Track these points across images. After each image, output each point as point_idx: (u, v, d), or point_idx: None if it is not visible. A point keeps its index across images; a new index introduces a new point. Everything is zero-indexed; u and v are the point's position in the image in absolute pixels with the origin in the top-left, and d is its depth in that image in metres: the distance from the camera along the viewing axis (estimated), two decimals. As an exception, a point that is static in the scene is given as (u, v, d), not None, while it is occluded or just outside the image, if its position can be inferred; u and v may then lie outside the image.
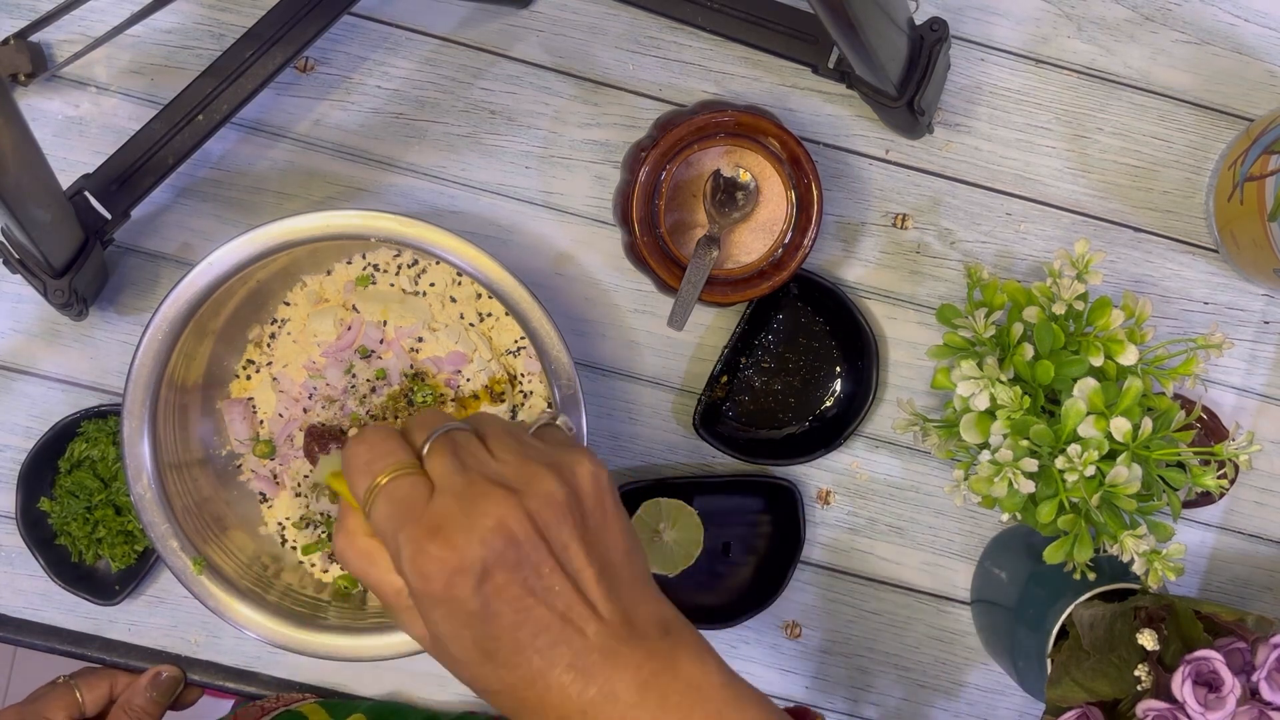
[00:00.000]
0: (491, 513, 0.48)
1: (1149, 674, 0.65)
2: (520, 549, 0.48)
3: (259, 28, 0.75)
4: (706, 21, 0.79)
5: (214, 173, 0.81)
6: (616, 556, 0.51)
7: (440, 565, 0.48)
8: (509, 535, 0.48)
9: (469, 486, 0.49)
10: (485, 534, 0.48)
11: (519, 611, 0.48)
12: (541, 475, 0.50)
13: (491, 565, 0.48)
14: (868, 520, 0.84)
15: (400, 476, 0.50)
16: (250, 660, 0.83)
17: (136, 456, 0.72)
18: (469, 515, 0.48)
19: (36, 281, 0.71)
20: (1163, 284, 0.83)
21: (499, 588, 0.48)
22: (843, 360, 0.83)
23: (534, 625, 0.48)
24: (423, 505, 0.49)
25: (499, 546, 0.48)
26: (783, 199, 0.77)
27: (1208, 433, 0.81)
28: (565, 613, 0.49)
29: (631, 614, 0.50)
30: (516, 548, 0.48)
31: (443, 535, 0.48)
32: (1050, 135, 0.83)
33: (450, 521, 0.48)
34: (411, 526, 0.49)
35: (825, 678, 0.84)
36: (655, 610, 0.51)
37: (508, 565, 0.48)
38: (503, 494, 0.49)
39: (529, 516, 0.49)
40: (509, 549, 0.48)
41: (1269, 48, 0.82)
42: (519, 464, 0.51)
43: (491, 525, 0.48)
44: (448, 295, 0.79)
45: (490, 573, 0.48)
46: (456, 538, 0.48)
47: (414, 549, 0.48)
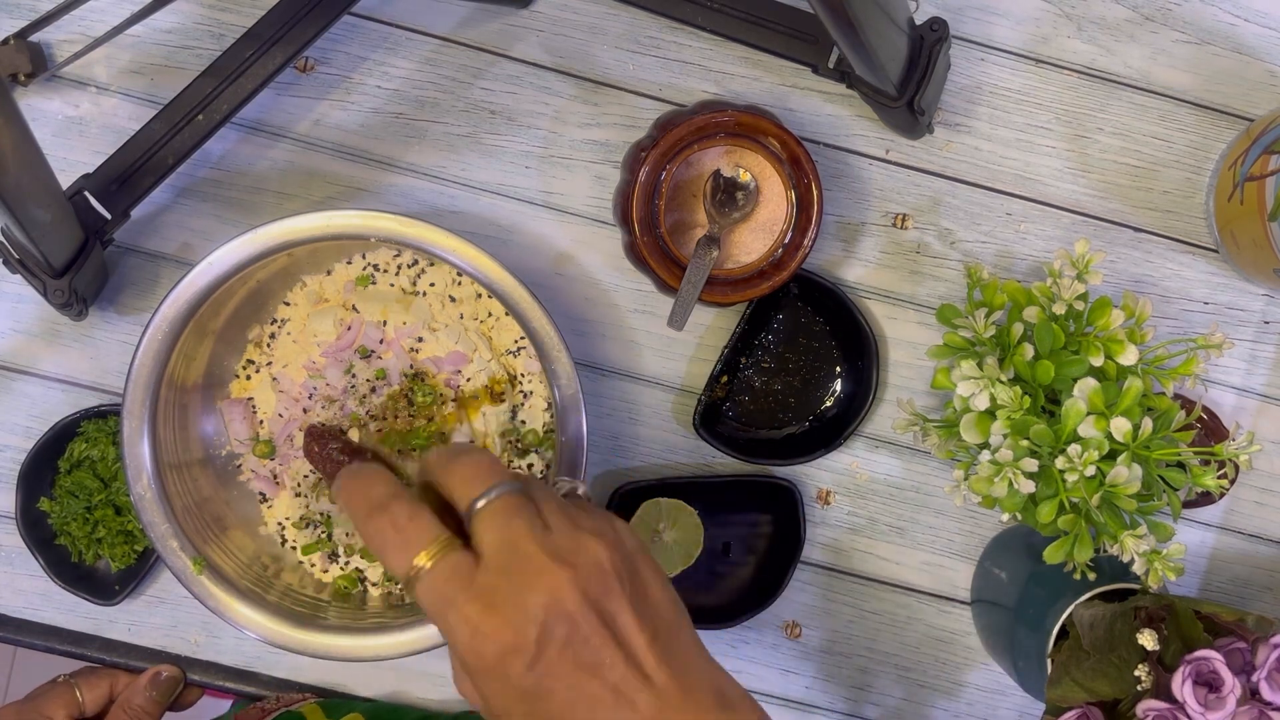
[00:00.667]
0: (545, 588, 0.48)
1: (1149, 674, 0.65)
2: (574, 624, 0.48)
3: (259, 28, 0.75)
4: (706, 21, 0.79)
5: (214, 173, 0.81)
6: (667, 619, 0.51)
7: (494, 644, 0.47)
8: (562, 611, 0.48)
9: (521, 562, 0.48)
10: (539, 611, 0.47)
11: (572, 688, 0.48)
12: (590, 544, 0.50)
13: (546, 643, 0.47)
14: (868, 520, 0.84)
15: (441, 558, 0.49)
16: (250, 660, 0.83)
17: (136, 456, 0.72)
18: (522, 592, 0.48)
19: (36, 281, 0.71)
20: (1163, 284, 0.83)
21: (552, 665, 0.48)
22: (843, 360, 0.83)
23: (587, 701, 0.48)
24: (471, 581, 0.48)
25: (552, 623, 0.47)
26: (783, 199, 0.77)
27: (1208, 433, 0.81)
28: (618, 685, 0.48)
29: (685, 681, 0.49)
30: (569, 623, 0.48)
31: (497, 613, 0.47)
32: (1050, 135, 0.83)
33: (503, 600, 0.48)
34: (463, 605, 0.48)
35: (825, 678, 0.84)
36: (711, 677, 0.51)
37: (560, 642, 0.48)
38: (555, 568, 0.48)
39: (580, 589, 0.48)
40: (562, 625, 0.48)
41: (1269, 48, 0.82)
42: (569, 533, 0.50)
43: (545, 602, 0.48)
44: (448, 295, 0.79)
45: (544, 650, 0.47)
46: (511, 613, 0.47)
47: (468, 630, 0.48)
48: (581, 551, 0.49)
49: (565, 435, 0.73)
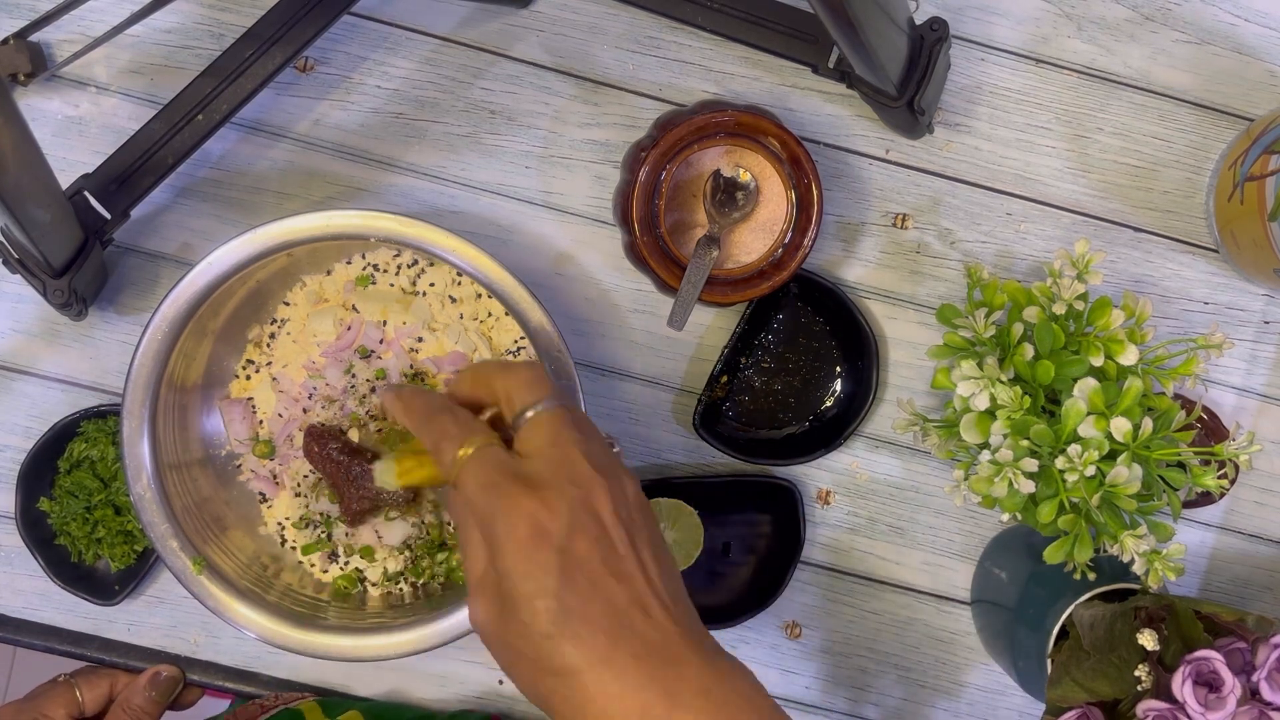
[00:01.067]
0: (587, 485, 0.50)
1: (1149, 674, 0.65)
2: (604, 527, 0.50)
3: (259, 28, 0.75)
4: (706, 21, 0.79)
5: (214, 173, 0.81)
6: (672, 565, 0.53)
7: (530, 518, 0.49)
8: (595, 511, 0.50)
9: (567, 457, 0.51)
10: (575, 501, 0.49)
11: (594, 584, 0.49)
12: (626, 475, 0.52)
13: (576, 531, 0.49)
14: (868, 520, 0.84)
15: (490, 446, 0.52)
16: (250, 660, 0.83)
17: (136, 456, 0.72)
18: (564, 481, 0.50)
19: (36, 281, 0.71)
20: (1163, 284, 0.83)
21: (580, 557, 0.49)
22: (843, 360, 0.83)
23: (606, 603, 0.49)
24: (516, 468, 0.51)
25: (586, 518, 0.49)
26: (783, 199, 0.77)
27: (1208, 433, 0.81)
28: (637, 597, 0.49)
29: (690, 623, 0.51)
30: (600, 524, 0.50)
31: (537, 492, 0.49)
32: (1050, 135, 0.83)
33: (545, 483, 0.50)
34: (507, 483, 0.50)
35: (825, 678, 0.84)
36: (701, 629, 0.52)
37: (591, 536, 0.49)
38: (596, 476, 0.51)
39: (614, 502, 0.50)
40: (594, 523, 0.50)
41: (1269, 48, 0.82)
42: (610, 459, 0.53)
43: (582, 496, 0.50)
44: (448, 295, 0.79)
45: (574, 537, 0.49)
46: (549, 495, 0.49)
47: (508, 502, 0.49)
48: (617, 473, 0.52)
49: (565, 435, 0.73)
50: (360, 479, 0.76)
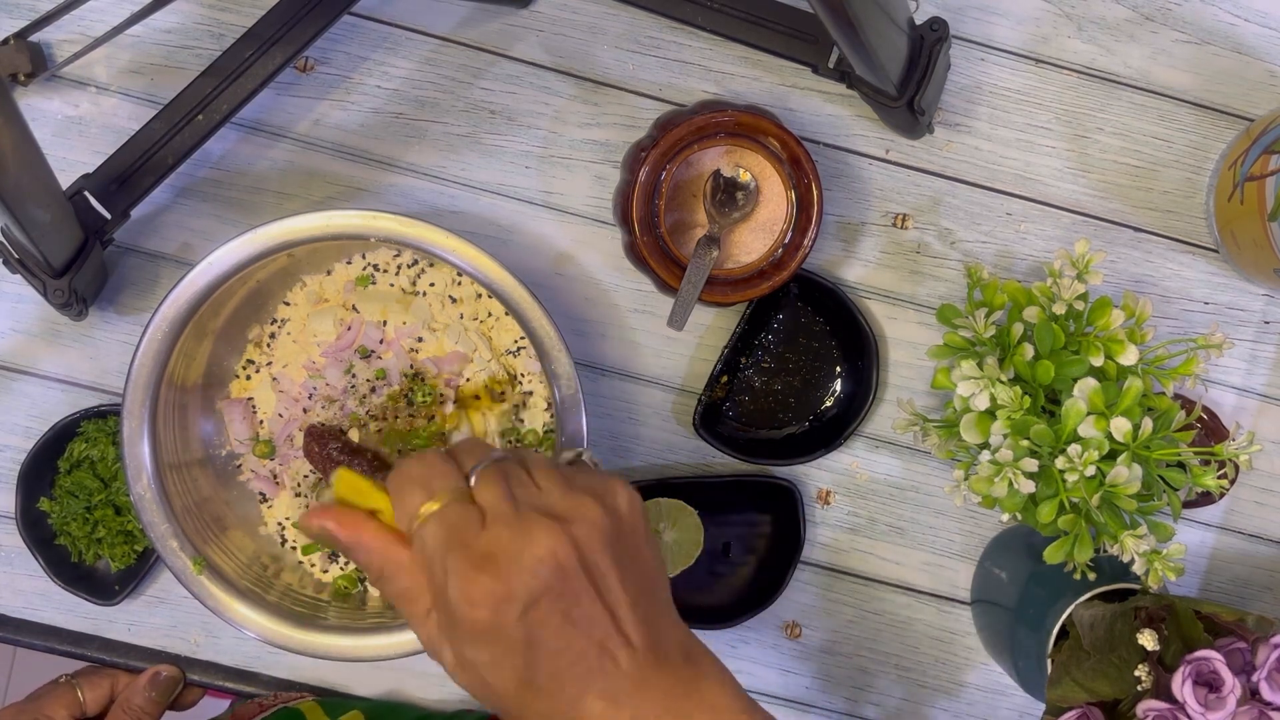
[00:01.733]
0: (541, 542, 0.50)
1: (1149, 674, 0.65)
2: (566, 578, 0.50)
3: (259, 28, 0.75)
4: (706, 21, 0.79)
5: (214, 173, 0.81)
6: (648, 583, 0.53)
7: (488, 594, 0.49)
8: (556, 564, 0.50)
9: (519, 517, 0.51)
10: (534, 564, 0.50)
11: (560, 640, 0.50)
12: (585, 503, 0.52)
13: (538, 595, 0.50)
14: (868, 520, 0.84)
15: (455, 502, 0.52)
16: (250, 660, 0.83)
17: (136, 456, 0.72)
18: (519, 545, 0.50)
19: (36, 281, 0.71)
20: (1163, 284, 0.83)
21: (543, 617, 0.50)
22: (843, 360, 0.83)
23: (572, 654, 0.50)
24: (475, 533, 0.51)
25: (546, 576, 0.50)
26: (783, 199, 0.77)
27: (1208, 433, 0.81)
28: (602, 642, 0.50)
29: (658, 641, 0.52)
30: (562, 578, 0.50)
31: (493, 565, 0.50)
32: (1050, 135, 0.83)
33: (501, 551, 0.50)
34: (463, 554, 0.50)
35: (825, 678, 0.84)
36: (678, 636, 0.53)
37: (553, 595, 0.50)
38: (550, 524, 0.51)
39: (574, 545, 0.50)
40: (555, 578, 0.50)
41: (1269, 48, 0.82)
42: (563, 493, 0.53)
43: (540, 555, 0.50)
44: (448, 295, 0.79)
45: (537, 602, 0.50)
46: (507, 567, 0.50)
47: (464, 579, 0.50)
48: (575, 509, 0.52)
49: (565, 435, 0.73)
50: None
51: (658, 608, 0.53)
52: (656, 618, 0.53)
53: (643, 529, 0.54)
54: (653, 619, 0.52)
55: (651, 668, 0.51)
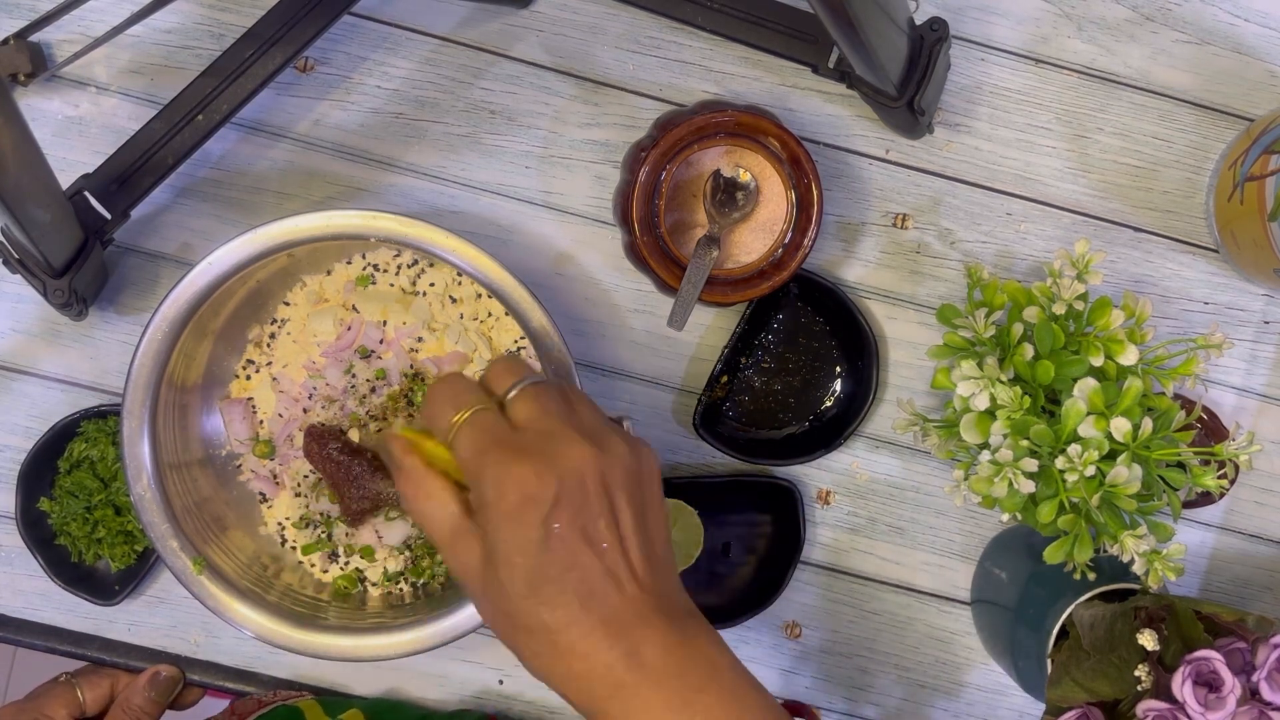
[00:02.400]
0: (573, 454, 0.52)
1: (1149, 674, 0.65)
2: (588, 497, 0.52)
3: (259, 28, 0.75)
4: (706, 21, 0.79)
5: (214, 173, 0.81)
6: (657, 538, 0.55)
7: (519, 486, 0.51)
8: (581, 481, 0.52)
9: (554, 428, 0.53)
10: (563, 472, 0.51)
11: (572, 554, 0.51)
12: (618, 444, 0.54)
13: (562, 502, 0.51)
14: (868, 520, 0.84)
15: (484, 411, 0.54)
16: (250, 660, 0.83)
17: (136, 456, 0.72)
18: (552, 452, 0.52)
19: (36, 281, 0.71)
20: (1163, 284, 0.83)
21: (562, 527, 0.51)
22: (843, 360, 0.83)
23: (581, 571, 0.51)
24: (508, 435, 0.53)
25: (572, 488, 0.51)
26: (783, 199, 0.77)
27: (1208, 433, 0.81)
28: (610, 568, 0.52)
29: (661, 589, 0.53)
30: (585, 495, 0.52)
31: (528, 460, 0.51)
32: (1050, 135, 0.83)
33: (536, 452, 0.52)
34: (498, 449, 0.52)
35: (825, 678, 0.84)
36: (681, 597, 0.55)
37: (575, 507, 0.51)
38: (583, 443, 0.52)
39: (600, 471, 0.52)
40: (579, 493, 0.51)
41: (1269, 48, 0.82)
42: (599, 427, 0.55)
43: (570, 467, 0.52)
44: (448, 295, 0.79)
45: (559, 508, 0.51)
46: (539, 464, 0.51)
47: (500, 468, 0.51)
48: (609, 442, 0.54)
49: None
50: (360, 479, 0.76)
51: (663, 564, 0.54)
52: (662, 570, 0.54)
53: (658, 491, 0.56)
54: (658, 568, 0.53)
55: (653, 609, 0.52)
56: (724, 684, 0.52)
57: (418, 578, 0.79)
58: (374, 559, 0.79)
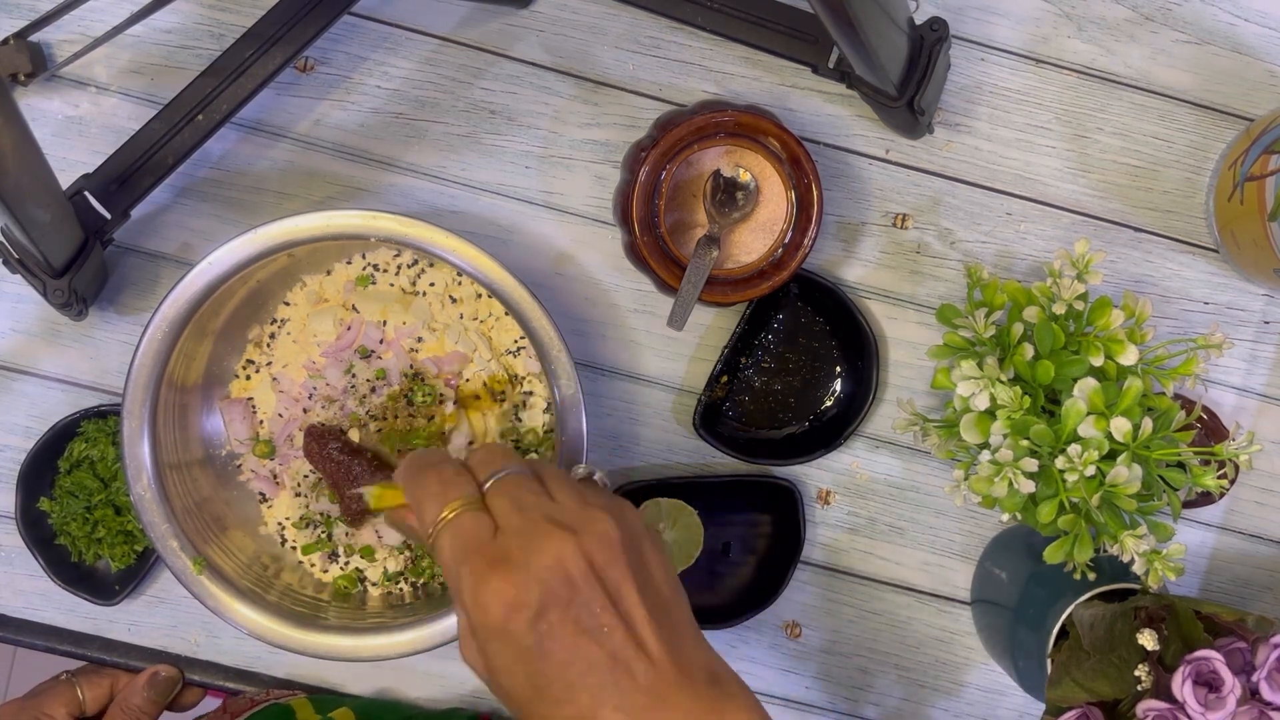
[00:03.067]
0: (550, 551, 0.50)
1: (1149, 674, 0.65)
2: (575, 588, 0.50)
3: (259, 28, 0.75)
4: (706, 21, 0.79)
5: (214, 173, 0.81)
6: (666, 597, 0.53)
7: (499, 599, 0.50)
8: (565, 574, 0.50)
9: (530, 525, 0.52)
10: (544, 572, 0.50)
11: (571, 650, 0.50)
12: (598, 517, 0.52)
13: (548, 603, 0.50)
14: (868, 520, 0.84)
15: (466, 511, 0.53)
16: (250, 660, 0.83)
17: (136, 456, 0.72)
18: (529, 553, 0.50)
19: (36, 281, 0.71)
20: (1163, 284, 0.83)
21: (553, 626, 0.50)
22: (843, 360, 0.83)
23: (584, 664, 0.49)
24: (487, 540, 0.52)
25: (556, 585, 0.50)
26: (783, 199, 0.77)
27: (1208, 433, 0.81)
28: (616, 653, 0.50)
29: (680, 658, 0.51)
30: (572, 587, 0.50)
31: (503, 570, 0.50)
32: (1050, 135, 0.83)
33: (511, 558, 0.50)
34: (475, 560, 0.51)
35: (825, 678, 0.84)
36: (704, 657, 0.52)
37: (562, 604, 0.50)
38: (561, 534, 0.51)
39: (585, 556, 0.51)
40: (564, 588, 0.50)
41: (1269, 48, 0.82)
42: (576, 506, 0.53)
43: (550, 564, 0.50)
44: (448, 295, 0.79)
45: (546, 610, 0.50)
46: (516, 574, 0.50)
47: (475, 581, 0.51)
48: (588, 522, 0.52)
49: (565, 435, 0.73)
50: (360, 479, 0.76)
51: (678, 626, 0.52)
52: (677, 635, 0.52)
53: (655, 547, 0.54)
54: (672, 633, 0.51)
55: (672, 685, 0.50)
56: None
57: (418, 578, 0.79)
58: (374, 559, 0.79)
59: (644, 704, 0.49)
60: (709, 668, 0.52)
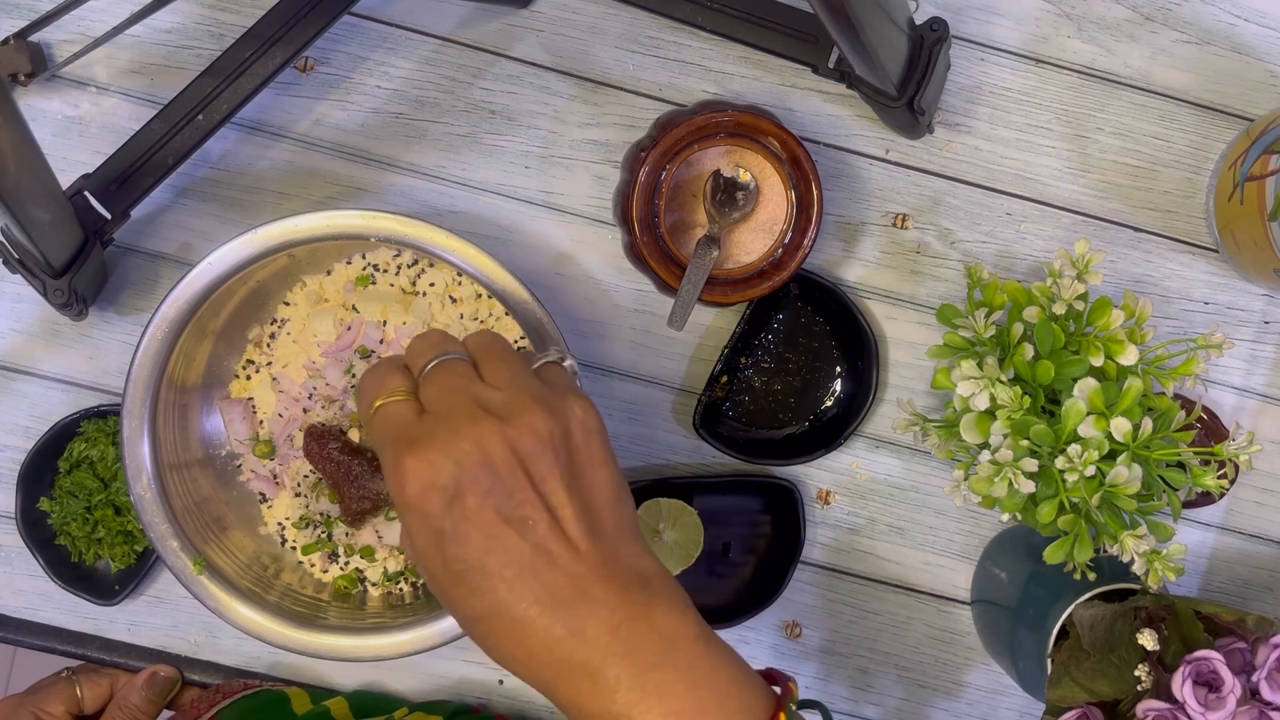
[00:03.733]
0: (470, 435, 0.49)
1: (1149, 674, 0.65)
2: (496, 474, 0.48)
3: (259, 28, 0.75)
4: (706, 21, 0.79)
5: (214, 173, 0.81)
6: (600, 500, 0.51)
7: (414, 478, 0.48)
8: (485, 459, 0.48)
9: (454, 410, 0.50)
10: (460, 454, 0.48)
11: (489, 538, 0.48)
12: (530, 408, 0.50)
13: (464, 486, 0.48)
14: (868, 520, 0.84)
15: (392, 402, 0.52)
16: (250, 660, 0.83)
17: (136, 456, 0.72)
18: (448, 435, 0.49)
19: (36, 281, 0.71)
20: (1163, 284, 0.83)
21: (470, 510, 0.48)
22: (843, 360, 0.83)
23: (504, 553, 0.48)
24: (411, 423, 0.50)
25: (473, 468, 0.48)
26: (783, 199, 0.77)
27: (1208, 433, 0.81)
28: (539, 544, 0.48)
29: (609, 557, 0.49)
30: (492, 472, 0.48)
31: (419, 449, 0.49)
32: (1050, 135, 0.83)
33: (428, 438, 0.49)
34: (395, 442, 0.50)
35: (825, 678, 0.84)
36: (636, 561, 0.51)
37: (480, 489, 0.48)
38: (485, 419, 0.49)
39: (509, 444, 0.49)
40: (483, 473, 0.48)
41: (1269, 48, 0.82)
42: (509, 394, 0.51)
43: (468, 447, 0.48)
44: (448, 295, 0.79)
45: (462, 493, 0.48)
46: (432, 453, 0.48)
47: (393, 462, 0.49)
48: (520, 411, 0.50)
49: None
50: (360, 479, 0.76)
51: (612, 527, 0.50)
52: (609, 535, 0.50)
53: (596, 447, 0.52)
54: (603, 531, 0.50)
55: (596, 581, 0.48)
56: (679, 660, 0.48)
57: (418, 578, 0.79)
58: (374, 559, 0.79)
59: (566, 598, 0.48)
60: (641, 571, 0.50)
